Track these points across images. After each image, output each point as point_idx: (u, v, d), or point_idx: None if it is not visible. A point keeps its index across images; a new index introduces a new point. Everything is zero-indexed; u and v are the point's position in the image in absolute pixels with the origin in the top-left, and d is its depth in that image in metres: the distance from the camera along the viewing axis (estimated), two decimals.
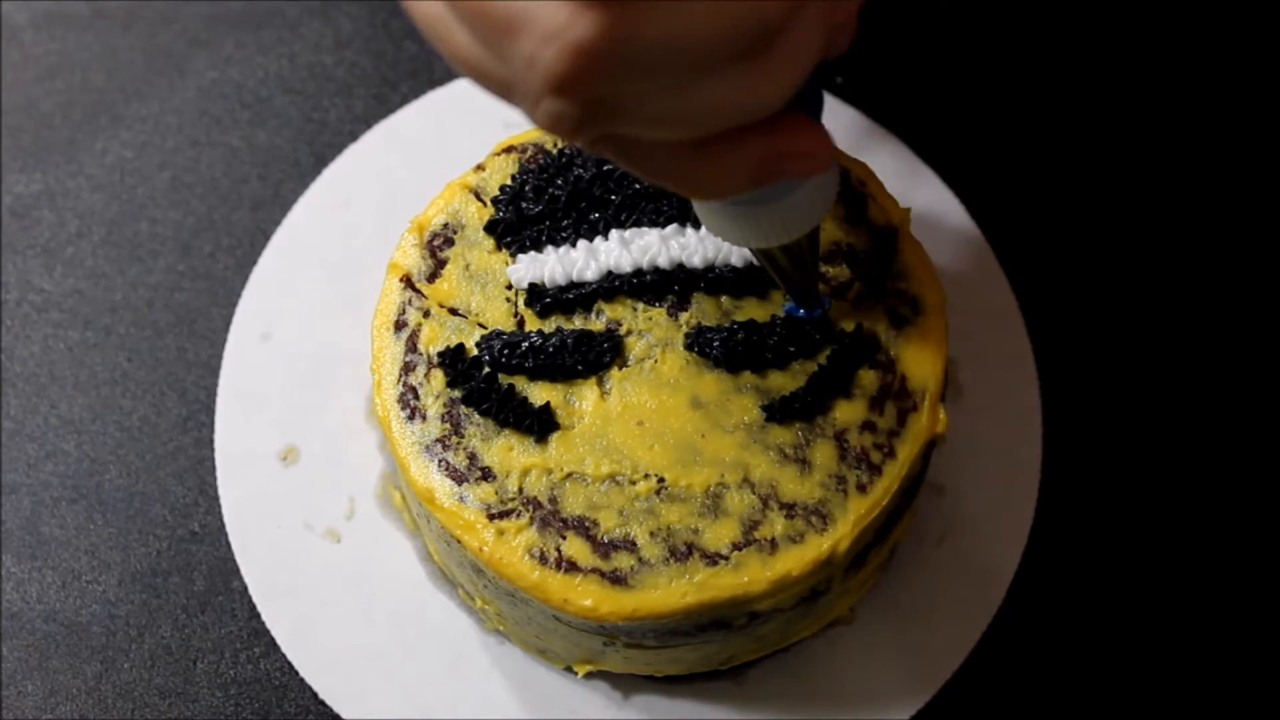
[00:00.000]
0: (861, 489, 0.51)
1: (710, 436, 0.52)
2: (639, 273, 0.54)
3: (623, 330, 0.54)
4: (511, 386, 0.53)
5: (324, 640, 0.58)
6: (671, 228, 0.54)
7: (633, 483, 0.52)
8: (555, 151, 0.56)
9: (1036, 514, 0.60)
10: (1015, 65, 0.70)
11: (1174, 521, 0.62)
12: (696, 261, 0.54)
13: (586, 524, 0.51)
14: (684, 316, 0.54)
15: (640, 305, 0.54)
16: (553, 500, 0.51)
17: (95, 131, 0.68)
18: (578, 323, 0.54)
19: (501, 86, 0.39)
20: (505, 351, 0.53)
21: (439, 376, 0.53)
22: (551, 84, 0.37)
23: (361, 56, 0.70)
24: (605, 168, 0.55)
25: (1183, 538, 0.62)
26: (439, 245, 0.56)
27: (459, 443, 0.52)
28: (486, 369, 0.53)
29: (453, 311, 0.54)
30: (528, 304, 0.54)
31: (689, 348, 0.53)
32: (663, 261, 0.54)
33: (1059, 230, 0.66)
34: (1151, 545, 0.62)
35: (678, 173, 0.41)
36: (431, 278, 0.55)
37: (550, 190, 0.55)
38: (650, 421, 0.52)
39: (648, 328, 0.54)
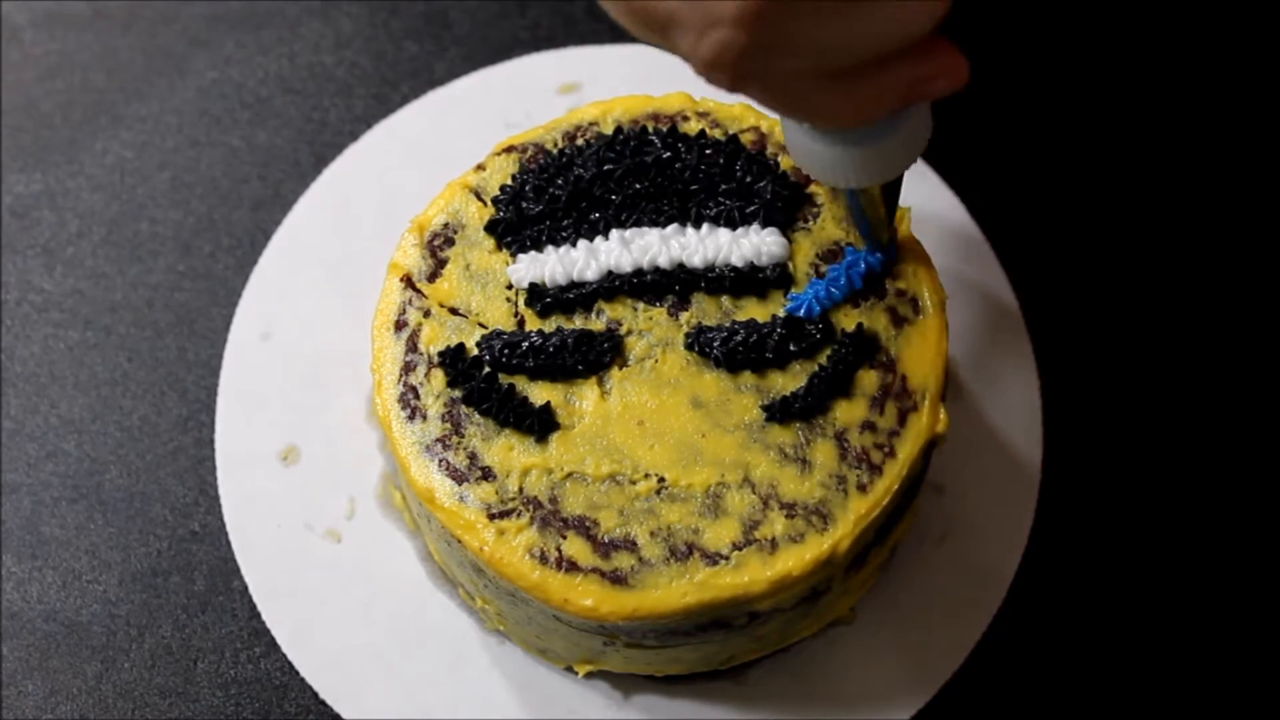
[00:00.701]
0: (862, 489, 0.51)
1: (710, 436, 0.52)
2: (639, 272, 0.54)
3: (623, 330, 0.54)
4: (512, 386, 0.53)
5: (324, 640, 0.58)
6: (672, 228, 0.54)
7: (633, 482, 0.52)
8: (555, 151, 0.56)
9: (1036, 514, 0.60)
10: (1015, 65, 0.70)
11: (1174, 522, 0.62)
12: (696, 261, 0.54)
13: (587, 524, 0.51)
14: (684, 316, 0.54)
15: (640, 305, 0.54)
16: (553, 500, 0.51)
17: (95, 131, 0.68)
18: (578, 322, 0.54)
19: (656, 18, 0.39)
20: (505, 351, 0.53)
21: (439, 376, 0.53)
22: (736, 12, 0.37)
23: (361, 56, 0.70)
24: (605, 168, 0.55)
25: (1183, 538, 0.62)
26: (439, 245, 0.56)
27: (459, 442, 0.52)
28: (487, 369, 0.53)
29: (453, 311, 0.54)
30: (528, 304, 0.54)
31: (689, 347, 0.53)
32: (663, 261, 0.54)
33: (1059, 230, 0.66)
34: (1151, 546, 0.62)
35: (821, 104, 0.41)
36: (432, 277, 0.55)
37: (550, 190, 0.55)
38: (650, 421, 0.52)
39: (648, 327, 0.54)
